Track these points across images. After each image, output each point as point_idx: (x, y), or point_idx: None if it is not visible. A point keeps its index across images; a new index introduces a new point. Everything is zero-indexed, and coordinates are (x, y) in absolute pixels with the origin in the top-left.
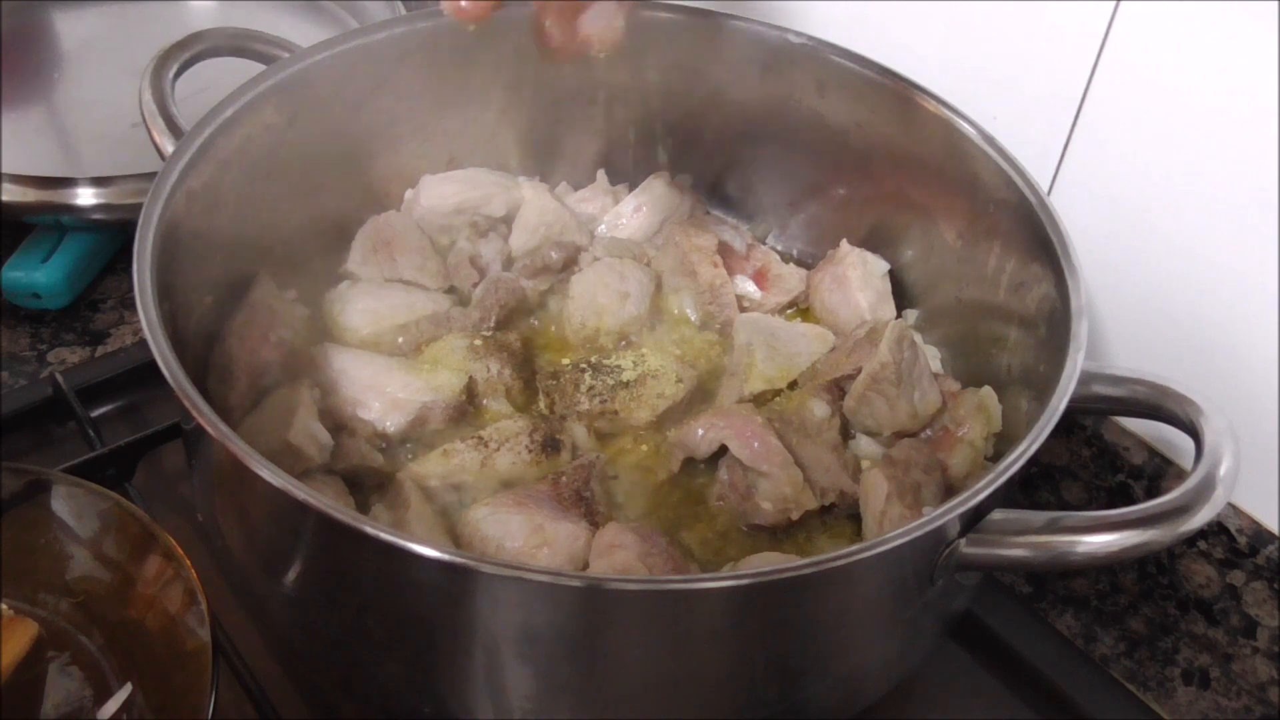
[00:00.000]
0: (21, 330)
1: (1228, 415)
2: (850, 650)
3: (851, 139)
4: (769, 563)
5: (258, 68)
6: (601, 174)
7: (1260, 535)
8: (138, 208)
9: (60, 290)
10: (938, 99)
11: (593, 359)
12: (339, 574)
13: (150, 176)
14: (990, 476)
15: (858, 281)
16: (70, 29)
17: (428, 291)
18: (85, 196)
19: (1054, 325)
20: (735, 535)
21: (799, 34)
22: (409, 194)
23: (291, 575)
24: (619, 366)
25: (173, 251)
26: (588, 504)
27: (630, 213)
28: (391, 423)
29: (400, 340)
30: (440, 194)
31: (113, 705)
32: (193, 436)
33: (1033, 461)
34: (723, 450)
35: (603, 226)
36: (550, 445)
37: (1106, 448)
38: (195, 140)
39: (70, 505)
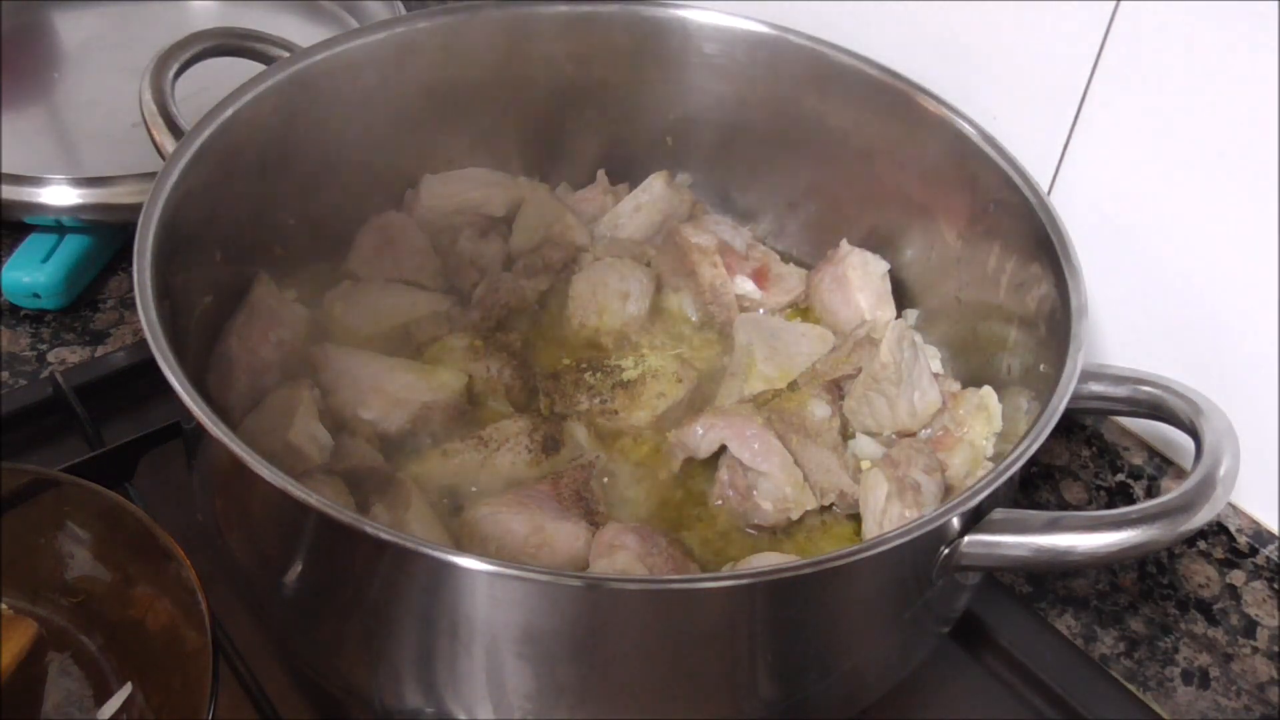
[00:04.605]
0: (21, 330)
1: (1228, 415)
2: (850, 650)
3: (851, 139)
4: (769, 563)
5: (258, 68)
6: (601, 174)
7: (1260, 535)
8: (138, 208)
9: (60, 290)
10: (938, 99)
11: (592, 359)
12: (339, 574)
13: (150, 176)
14: (990, 476)
15: (858, 281)
16: (70, 29)
17: (428, 291)
18: (85, 196)
19: (1054, 325)
20: (735, 535)
21: (799, 34)
22: (409, 194)
23: (291, 575)
24: (619, 366)
25: (173, 251)
26: (588, 504)
27: (630, 213)
28: (392, 423)
29: (400, 340)
30: (440, 194)
31: (113, 705)
32: (193, 436)
33: (1033, 461)
34: (723, 450)
35: (603, 226)
36: (550, 445)
37: (1106, 448)
38: (195, 140)
39: (70, 505)
